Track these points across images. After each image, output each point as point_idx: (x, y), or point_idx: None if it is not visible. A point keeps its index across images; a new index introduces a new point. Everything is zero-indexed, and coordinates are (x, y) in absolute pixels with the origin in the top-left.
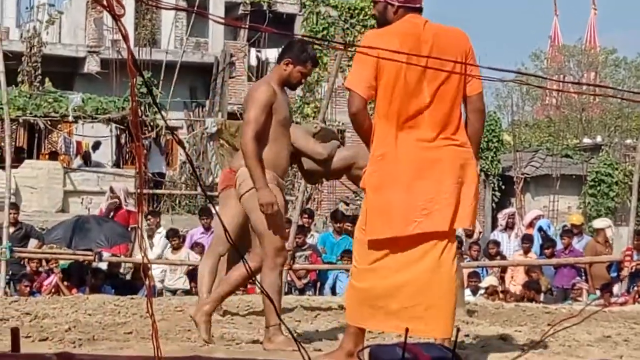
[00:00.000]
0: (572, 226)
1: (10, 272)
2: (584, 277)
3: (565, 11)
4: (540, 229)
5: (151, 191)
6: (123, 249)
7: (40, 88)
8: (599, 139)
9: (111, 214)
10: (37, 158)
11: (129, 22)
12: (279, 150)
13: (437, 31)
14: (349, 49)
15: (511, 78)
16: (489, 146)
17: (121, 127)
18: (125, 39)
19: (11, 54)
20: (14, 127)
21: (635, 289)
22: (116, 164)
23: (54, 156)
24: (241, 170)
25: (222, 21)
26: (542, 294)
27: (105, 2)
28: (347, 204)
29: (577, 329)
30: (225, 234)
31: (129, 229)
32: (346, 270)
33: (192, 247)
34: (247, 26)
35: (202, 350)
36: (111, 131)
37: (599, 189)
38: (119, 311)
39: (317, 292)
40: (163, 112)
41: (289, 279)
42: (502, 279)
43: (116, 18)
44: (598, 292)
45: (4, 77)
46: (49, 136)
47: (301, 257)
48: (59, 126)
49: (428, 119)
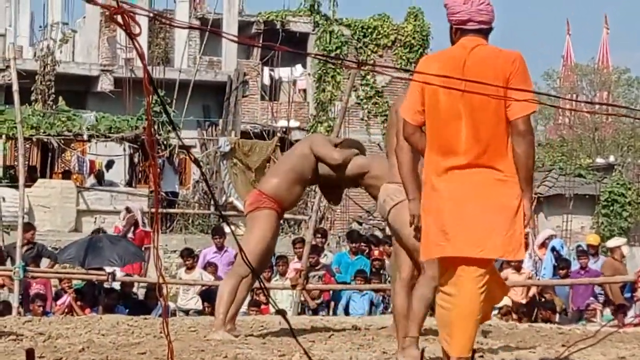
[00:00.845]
0: (588, 246)
1: (23, 292)
2: (600, 298)
3: (578, 31)
4: (554, 249)
5: (164, 210)
6: (136, 268)
7: (54, 107)
8: (612, 158)
9: (130, 232)
10: (50, 177)
11: (142, 40)
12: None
13: (485, 54)
14: (362, 67)
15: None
16: None
17: (134, 146)
18: (142, 57)
19: (25, 73)
20: (27, 146)
21: None
22: (129, 183)
23: (67, 175)
24: (384, 186)
25: (236, 39)
26: (557, 315)
27: (121, 21)
28: (360, 224)
29: (592, 350)
30: (241, 254)
31: (143, 248)
32: (359, 290)
33: (205, 267)
34: (260, 44)
35: None
36: (124, 150)
37: (612, 208)
38: (132, 331)
39: (331, 312)
40: (177, 131)
41: (302, 299)
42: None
43: (132, 37)
44: (610, 313)
45: (17, 95)
46: (62, 155)
47: (314, 277)
48: (72, 145)
49: (464, 144)
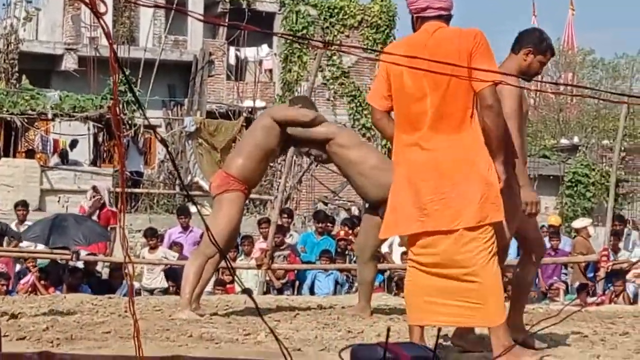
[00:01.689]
0: (550, 227)
1: None
2: (564, 277)
3: (544, 12)
4: None
5: (129, 190)
6: (101, 247)
7: (17, 85)
8: (576, 139)
9: (96, 213)
10: (14, 156)
11: (107, 19)
12: (524, 142)
13: (446, 34)
14: (329, 48)
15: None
16: None
17: (99, 125)
18: (108, 36)
19: None
20: None
21: (612, 289)
22: (93, 163)
23: (30, 154)
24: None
25: (202, 18)
26: None
27: (87, 0)
28: (326, 204)
29: (555, 328)
30: (208, 234)
31: (109, 228)
32: (324, 270)
33: (170, 247)
34: (227, 24)
35: (181, 350)
36: (89, 129)
37: (576, 189)
38: (97, 310)
39: (296, 291)
40: (143, 110)
41: (267, 278)
42: None
43: (98, 15)
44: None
45: None
46: (26, 134)
47: (280, 257)
48: (35, 124)
49: (430, 122)
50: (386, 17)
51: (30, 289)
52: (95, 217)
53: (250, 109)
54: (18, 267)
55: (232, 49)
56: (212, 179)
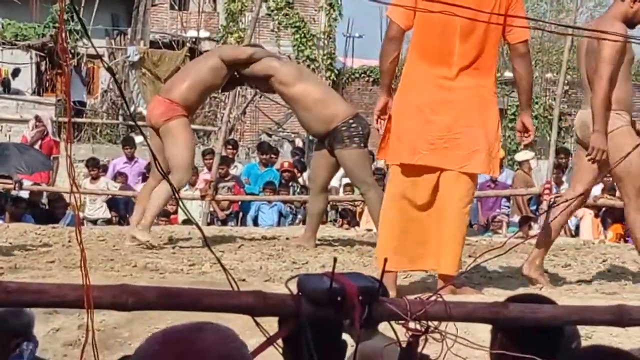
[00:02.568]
0: None
1: None
2: (505, 210)
3: None
4: None
5: (72, 120)
6: (44, 177)
7: None
8: None
9: (38, 143)
10: None
11: None
12: (629, 90)
13: None
14: None
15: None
16: None
17: (41, 54)
18: None
19: None
20: None
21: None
22: (36, 92)
23: None
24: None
25: None
26: None
27: None
28: (270, 135)
29: (497, 260)
30: (155, 163)
31: (51, 158)
32: (268, 201)
33: (115, 177)
34: None
35: (126, 280)
36: (31, 58)
37: None
38: (40, 240)
39: (240, 223)
40: (85, 40)
41: (211, 209)
42: None
43: None
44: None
45: None
46: None
47: (224, 188)
48: None
49: (457, 59)
50: None
51: None
52: (38, 147)
53: (194, 39)
54: None
55: None
56: (150, 106)
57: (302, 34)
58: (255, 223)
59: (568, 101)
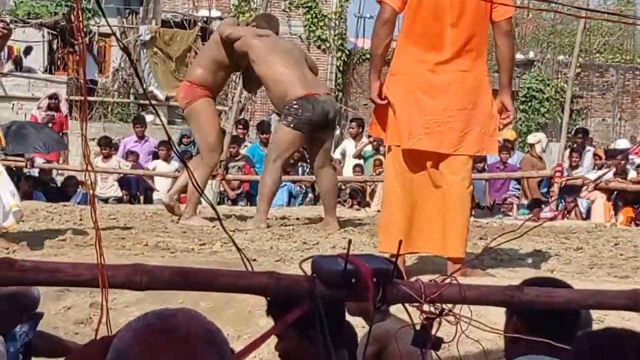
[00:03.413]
0: (505, 141)
1: None
2: (515, 192)
3: None
4: None
5: (82, 98)
6: (54, 155)
7: None
8: (531, 54)
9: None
10: None
11: None
12: None
13: None
14: None
15: None
16: None
17: (53, 32)
18: None
19: None
20: None
21: (565, 204)
22: (48, 70)
23: None
24: None
25: None
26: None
27: None
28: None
29: (509, 243)
30: (171, 144)
31: (61, 134)
32: None
33: (125, 156)
34: None
35: (137, 258)
36: (43, 36)
37: (530, 104)
38: (52, 218)
39: (250, 202)
40: (97, 19)
41: (221, 189)
42: None
43: None
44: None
45: None
46: None
47: (234, 168)
48: None
49: (448, 42)
50: None
51: None
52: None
53: (205, 19)
54: None
55: None
56: (176, 92)
57: (314, 14)
58: None
59: (580, 84)
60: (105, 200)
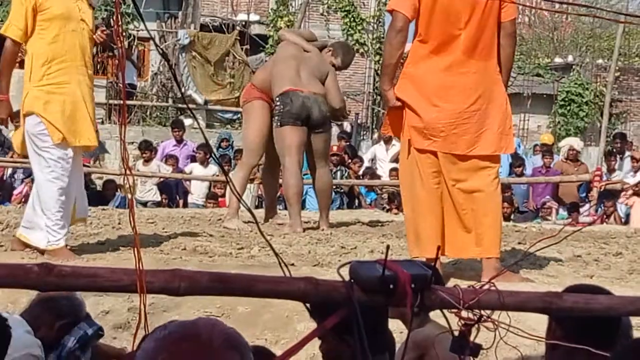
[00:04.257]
0: (543, 145)
1: None
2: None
3: None
4: None
5: (122, 102)
6: (86, 159)
7: None
8: (570, 58)
9: None
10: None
11: None
12: None
13: None
14: None
15: None
16: None
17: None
18: None
19: None
20: None
21: (604, 209)
22: None
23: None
24: None
25: None
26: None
27: None
28: None
29: (549, 249)
30: (209, 149)
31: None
32: None
33: (164, 160)
34: None
35: (175, 263)
36: None
37: (569, 108)
38: (90, 222)
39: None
40: (136, 23)
41: (259, 192)
42: None
43: None
44: (565, 212)
45: None
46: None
47: None
48: None
49: (462, 44)
50: None
51: (23, 200)
52: None
53: (244, 23)
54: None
55: None
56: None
57: (352, 18)
58: (303, 206)
59: (619, 88)
60: (144, 204)
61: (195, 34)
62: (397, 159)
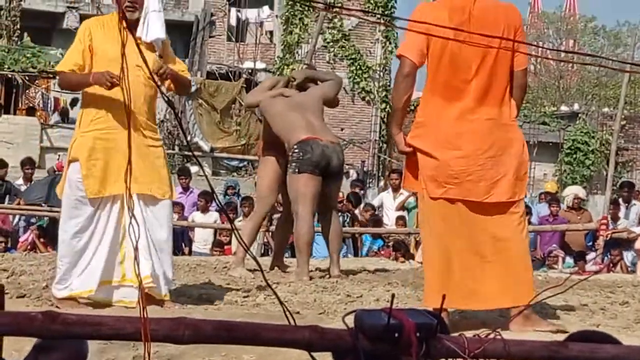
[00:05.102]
0: (546, 194)
1: None
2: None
3: None
4: None
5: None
6: None
7: (19, 43)
8: (576, 107)
9: None
10: (14, 113)
11: None
12: None
13: (487, 5)
14: (330, 10)
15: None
16: None
17: None
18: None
19: None
20: None
21: (610, 257)
22: None
23: (31, 112)
24: None
25: None
26: None
27: None
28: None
29: (555, 298)
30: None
31: None
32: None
33: None
34: None
35: (181, 312)
36: None
37: (575, 156)
38: None
39: (294, 254)
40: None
41: (265, 240)
42: None
43: None
44: (572, 260)
45: None
46: (27, 92)
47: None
48: (36, 82)
49: (473, 91)
50: None
51: (29, 247)
52: None
53: (250, 71)
54: (22, 224)
55: (233, 10)
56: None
57: (358, 66)
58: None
59: (625, 136)
60: None
61: (201, 82)
62: (403, 207)
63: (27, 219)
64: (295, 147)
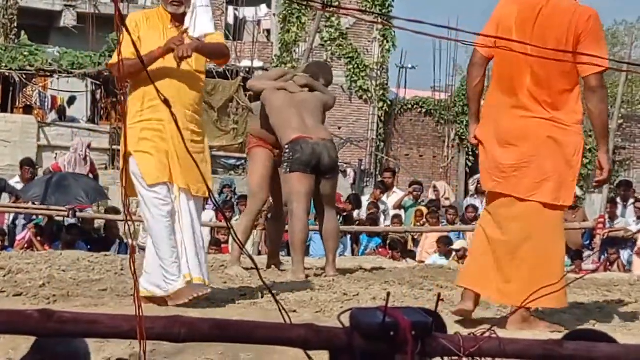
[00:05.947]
0: None
1: None
2: None
3: None
4: None
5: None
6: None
7: (16, 41)
8: None
9: (87, 168)
10: (12, 112)
11: None
12: None
13: (561, 6)
14: (328, 9)
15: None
16: (464, 110)
17: (97, 82)
18: None
19: None
20: None
21: (607, 256)
22: (91, 120)
23: (28, 110)
24: None
25: None
26: None
27: None
28: None
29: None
30: (210, 195)
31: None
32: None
33: None
34: None
35: (178, 310)
36: (86, 86)
37: None
38: (93, 268)
39: (290, 253)
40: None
41: (262, 238)
42: None
43: None
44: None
45: None
46: (24, 90)
47: None
48: (34, 80)
49: (531, 90)
50: None
51: (26, 245)
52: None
53: (247, 69)
54: (22, 222)
55: (230, 8)
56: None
57: (356, 65)
58: (307, 253)
59: (622, 135)
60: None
61: None
62: (400, 206)
63: (28, 217)
64: (287, 147)
